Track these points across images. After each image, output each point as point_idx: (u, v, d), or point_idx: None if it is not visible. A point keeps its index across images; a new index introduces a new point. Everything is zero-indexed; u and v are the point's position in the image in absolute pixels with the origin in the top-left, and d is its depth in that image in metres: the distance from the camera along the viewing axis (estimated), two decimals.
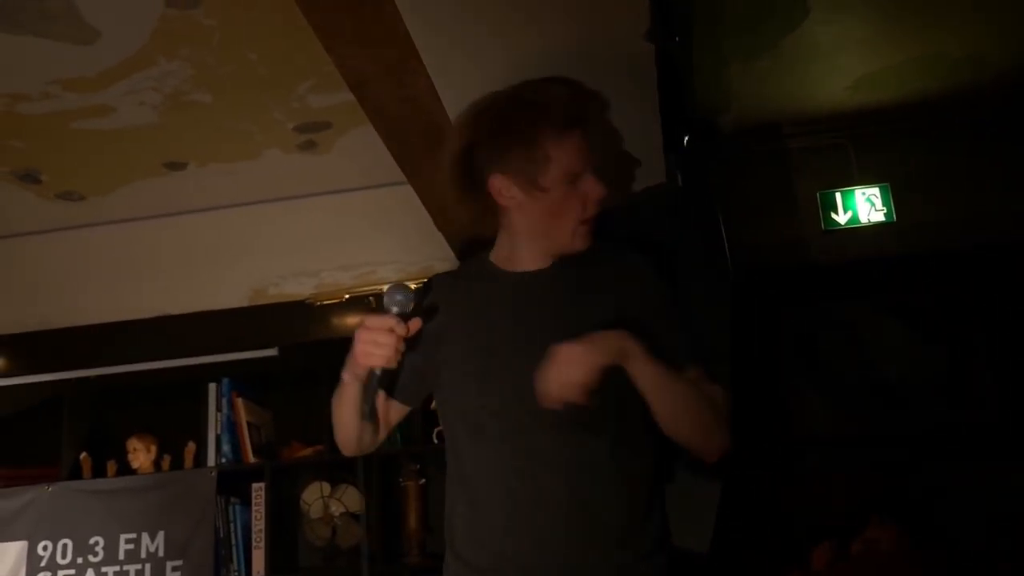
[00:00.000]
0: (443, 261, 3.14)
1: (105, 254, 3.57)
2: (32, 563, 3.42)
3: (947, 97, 3.50)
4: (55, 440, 3.72)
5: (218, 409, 3.61)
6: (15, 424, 3.94)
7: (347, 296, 3.39)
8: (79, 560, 3.42)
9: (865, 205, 3.61)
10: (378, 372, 1.57)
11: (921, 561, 2.71)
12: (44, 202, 3.37)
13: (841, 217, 3.62)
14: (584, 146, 1.65)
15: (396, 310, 1.57)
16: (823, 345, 3.59)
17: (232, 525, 3.49)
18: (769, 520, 3.23)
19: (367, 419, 1.62)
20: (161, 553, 3.41)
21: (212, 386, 3.64)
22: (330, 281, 3.44)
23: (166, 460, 3.68)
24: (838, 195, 3.63)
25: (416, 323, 1.58)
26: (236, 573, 3.45)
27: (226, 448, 3.56)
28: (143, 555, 3.41)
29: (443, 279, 1.89)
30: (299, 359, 3.51)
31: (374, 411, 1.71)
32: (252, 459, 3.55)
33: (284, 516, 3.62)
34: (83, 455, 3.67)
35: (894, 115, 3.59)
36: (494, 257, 1.81)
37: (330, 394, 1.87)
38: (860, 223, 3.60)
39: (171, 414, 3.77)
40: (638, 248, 1.78)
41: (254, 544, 3.47)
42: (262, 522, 3.48)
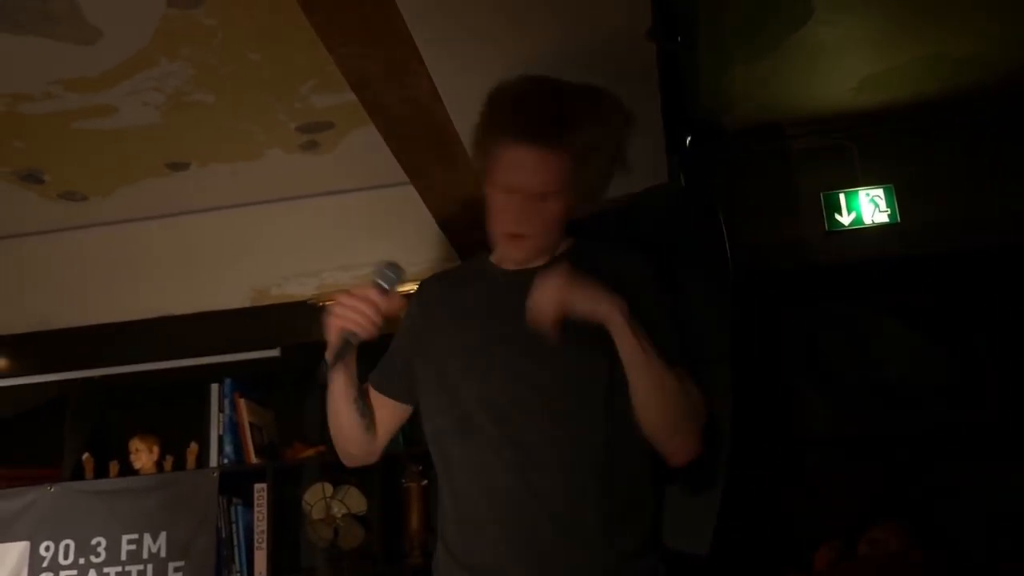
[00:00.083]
0: (445, 262, 3.14)
1: (107, 254, 3.57)
2: (34, 564, 3.42)
3: (951, 98, 3.48)
4: (57, 440, 3.72)
5: (220, 410, 3.60)
6: (17, 424, 3.93)
7: None
8: (81, 561, 3.41)
9: (869, 206, 3.60)
10: (352, 341, 1.56)
11: (923, 561, 2.70)
12: (46, 202, 3.37)
13: (845, 218, 3.60)
14: (533, 166, 1.61)
15: (381, 283, 1.58)
16: (826, 346, 3.57)
17: (234, 526, 3.48)
18: (770, 520, 3.22)
19: (324, 380, 1.61)
20: (163, 554, 3.40)
21: (214, 387, 3.62)
22: (332, 282, 3.44)
23: (168, 461, 3.67)
24: (842, 196, 3.62)
25: (398, 300, 1.58)
26: (238, 574, 3.44)
27: (228, 449, 3.55)
28: (145, 556, 3.41)
29: (435, 278, 1.91)
30: (301, 359, 3.49)
31: (367, 411, 1.71)
32: (254, 460, 3.54)
33: (286, 517, 3.60)
34: (85, 455, 3.67)
35: (898, 116, 3.58)
36: (492, 256, 1.83)
37: None
38: (864, 224, 3.59)
39: (173, 415, 3.76)
40: (638, 248, 1.77)
41: (256, 545, 3.47)
42: (264, 523, 3.47)
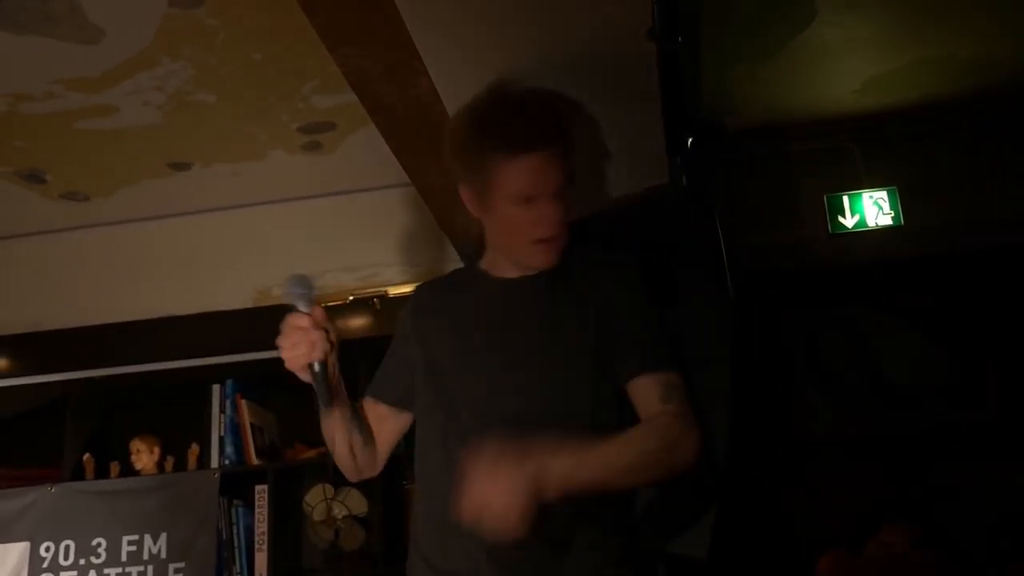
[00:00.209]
0: (447, 263, 3.13)
1: (109, 254, 3.57)
2: (34, 564, 3.41)
3: (955, 100, 3.47)
4: (58, 441, 3.71)
5: (221, 410, 3.59)
6: (18, 424, 3.93)
7: (351, 298, 3.39)
8: (81, 561, 3.40)
9: (872, 208, 3.59)
10: (316, 367, 1.56)
11: (924, 561, 2.69)
12: (48, 202, 3.37)
13: (848, 220, 3.59)
14: (542, 169, 1.60)
15: (301, 304, 1.57)
16: (829, 347, 3.56)
17: (235, 527, 3.47)
18: (770, 521, 3.21)
19: (327, 407, 1.61)
20: (163, 555, 3.40)
21: (216, 387, 3.62)
22: (334, 283, 3.43)
23: (169, 461, 3.67)
24: (845, 198, 3.61)
25: (319, 312, 1.56)
26: (238, 575, 3.44)
27: (229, 450, 3.55)
28: (145, 557, 3.40)
29: (427, 285, 1.91)
30: None
31: (363, 427, 1.73)
32: (255, 461, 3.54)
33: (287, 518, 3.60)
34: (86, 456, 3.66)
35: (902, 118, 3.57)
36: (483, 263, 1.83)
37: None
38: (867, 226, 3.57)
39: (174, 415, 3.75)
40: (630, 250, 1.76)
41: (257, 546, 3.46)
42: (265, 524, 3.46)
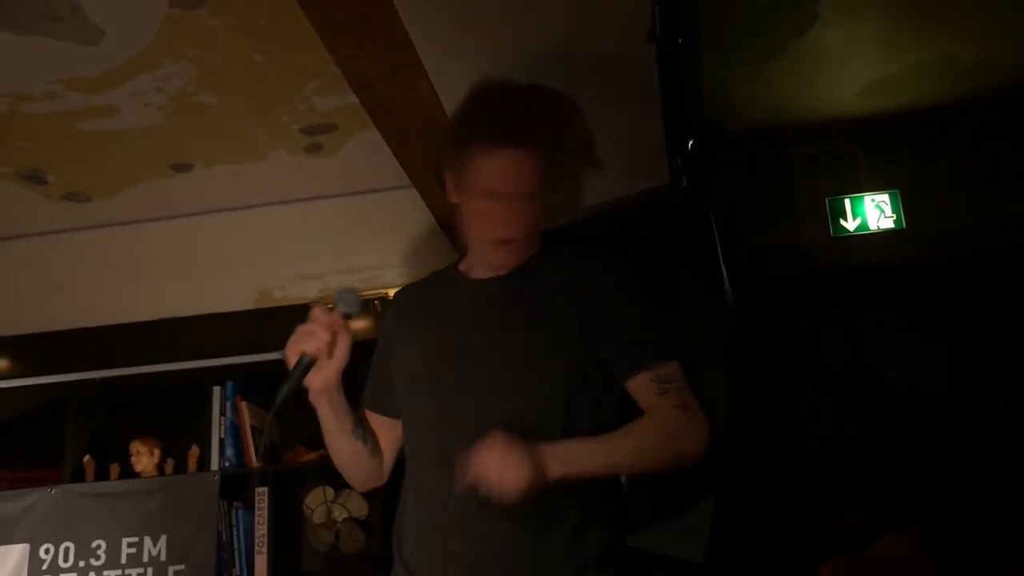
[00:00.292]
0: (447, 264, 3.12)
1: (110, 256, 3.55)
2: (34, 566, 3.41)
3: (958, 103, 3.46)
4: (58, 442, 3.71)
5: (222, 412, 3.59)
6: (18, 426, 3.93)
7: None
8: (81, 563, 3.40)
9: (875, 212, 3.58)
10: (305, 361, 1.59)
11: (927, 563, 2.68)
12: (50, 203, 3.36)
13: (850, 224, 3.59)
14: (515, 168, 1.61)
15: (344, 308, 1.60)
16: (831, 352, 3.55)
17: (235, 529, 3.47)
18: (769, 521, 3.20)
19: (281, 408, 1.64)
20: (163, 557, 3.39)
21: (216, 389, 3.62)
22: (335, 284, 3.42)
23: (169, 463, 3.67)
24: (847, 201, 3.60)
25: (337, 316, 1.59)
26: None
27: (229, 452, 3.55)
28: (145, 559, 3.40)
29: (406, 288, 1.93)
30: None
31: (369, 437, 1.74)
32: (255, 463, 3.54)
33: (287, 521, 3.59)
34: (86, 458, 3.66)
35: (904, 121, 3.56)
36: (462, 264, 1.84)
37: None
38: (869, 230, 3.57)
39: (175, 417, 3.75)
40: (635, 250, 1.77)
41: (257, 549, 3.45)
42: (265, 526, 3.46)
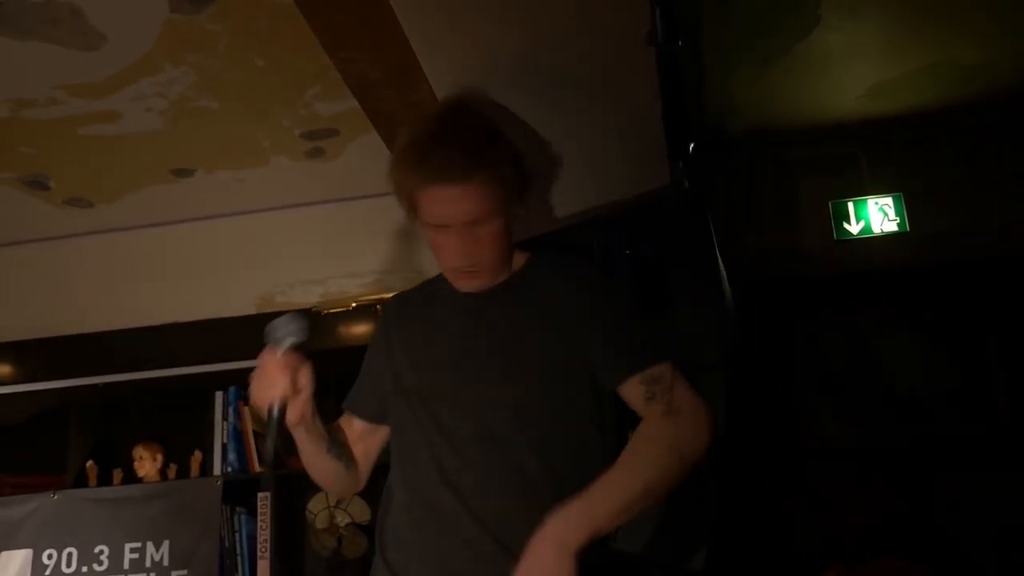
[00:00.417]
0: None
1: (112, 261, 3.56)
2: (37, 571, 3.40)
3: (961, 105, 3.46)
4: (61, 448, 3.72)
5: (224, 418, 3.59)
6: (21, 431, 3.94)
7: (354, 305, 3.38)
8: (84, 569, 3.40)
9: (878, 215, 3.58)
10: (274, 411, 1.57)
11: (927, 571, 2.68)
12: (52, 208, 3.36)
13: (853, 227, 3.58)
14: (454, 200, 1.61)
15: (292, 341, 1.57)
16: (834, 355, 3.55)
17: (237, 535, 3.47)
18: (770, 524, 3.20)
19: (268, 461, 1.64)
20: (166, 562, 3.39)
21: (219, 394, 3.62)
22: (337, 290, 3.43)
23: (172, 469, 3.67)
24: (850, 204, 3.60)
25: (290, 354, 1.59)
26: None
27: (232, 457, 3.54)
28: (148, 564, 3.39)
29: (395, 299, 1.93)
30: None
31: (343, 454, 1.76)
32: (258, 468, 3.53)
33: (290, 526, 3.59)
34: (89, 463, 3.67)
35: (907, 124, 3.56)
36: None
37: (337, 403, 1.90)
38: (873, 233, 3.56)
39: (177, 422, 3.75)
40: (634, 251, 1.77)
41: (259, 554, 3.45)
42: (267, 532, 3.45)
